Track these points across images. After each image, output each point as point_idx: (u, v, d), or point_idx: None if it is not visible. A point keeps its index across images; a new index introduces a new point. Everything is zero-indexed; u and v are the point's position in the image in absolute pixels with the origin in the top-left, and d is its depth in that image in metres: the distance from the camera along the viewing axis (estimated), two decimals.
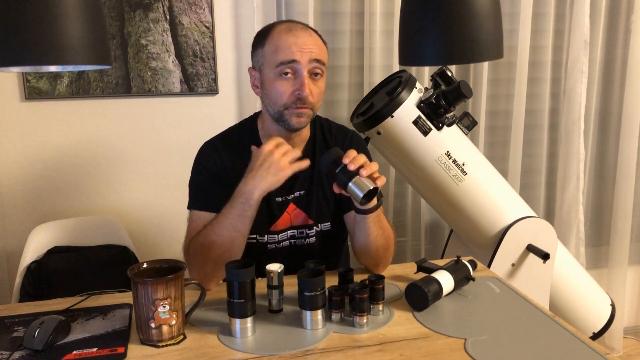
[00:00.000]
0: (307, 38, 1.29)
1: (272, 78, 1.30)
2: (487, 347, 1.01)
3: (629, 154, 2.33)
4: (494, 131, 2.27)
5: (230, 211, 1.23)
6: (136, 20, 1.91)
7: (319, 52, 1.29)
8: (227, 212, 1.24)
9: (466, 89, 1.56)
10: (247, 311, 1.06)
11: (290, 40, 1.27)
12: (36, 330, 1.04)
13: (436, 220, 2.26)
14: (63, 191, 1.98)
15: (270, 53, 1.29)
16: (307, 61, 1.27)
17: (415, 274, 1.36)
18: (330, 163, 1.18)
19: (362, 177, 1.14)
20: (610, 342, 2.43)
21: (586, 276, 1.97)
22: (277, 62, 1.28)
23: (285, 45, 1.27)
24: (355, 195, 1.15)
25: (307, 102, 1.28)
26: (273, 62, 1.29)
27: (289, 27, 1.31)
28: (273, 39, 1.30)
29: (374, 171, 1.16)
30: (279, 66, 1.28)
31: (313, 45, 1.28)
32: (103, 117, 1.97)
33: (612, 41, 2.32)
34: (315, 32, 1.34)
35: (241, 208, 1.22)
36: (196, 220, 1.33)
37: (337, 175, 1.17)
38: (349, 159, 1.15)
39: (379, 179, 1.17)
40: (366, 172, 1.15)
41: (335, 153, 1.19)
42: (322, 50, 1.31)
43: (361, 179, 1.14)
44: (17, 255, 1.79)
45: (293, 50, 1.26)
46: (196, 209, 1.35)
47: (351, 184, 1.15)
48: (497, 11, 1.18)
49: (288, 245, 1.41)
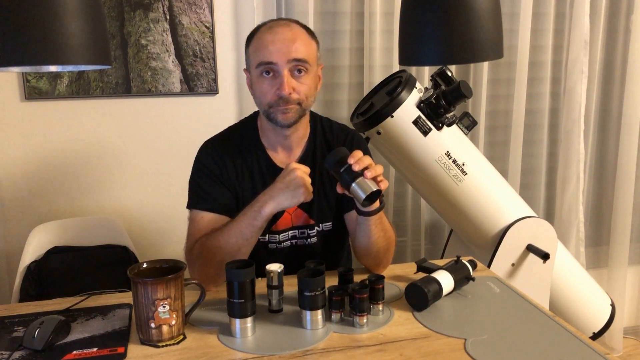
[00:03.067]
0: (286, 35, 1.27)
1: (256, 78, 1.30)
2: (487, 347, 1.01)
3: (629, 154, 2.33)
4: (494, 131, 2.27)
5: (242, 219, 1.23)
6: (136, 20, 1.91)
7: (300, 49, 1.26)
8: (239, 219, 1.24)
9: (466, 89, 1.56)
10: (247, 311, 1.06)
11: (268, 39, 1.27)
12: (36, 330, 1.04)
13: (436, 220, 2.26)
14: (63, 191, 1.98)
15: (252, 53, 1.30)
16: (284, 61, 1.25)
17: (415, 274, 1.36)
18: (335, 162, 1.17)
19: (367, 178, 1.13)
20: (610, 342, 2.43)
21: (586, 276, 1.97)
22: (257, 63, 1.28)
23: (263, 45, 1.27)
24: (358, 196, 1.15)
25: (291, 100, 1.27)
26: (255, 62, 1.29)
27: (270, 26, 1.30)
28: (255, 39, 1.30)
29: (378, 174, 1.15)
30: (259, 66, 1.28)
31: (292, 43, 1.26)
32: (103, 117, 1.97)
33: (612, 41, 2.32)
34: (302, 27, 1.32)
35: (252, 217, 1.22)
36: (197, 220, 1.33)
37: (341, 175, 1.16)
38: (354, 160, 1.14)
39: (382, 182, 1.16)
40: (370, 174, 1.14)
41: (341, 152, 1.18)
42: (305, 47, 1.28)
43: (365, 181, 1.14)
44: (17, 255, 1.79)
45: (270, 51, 1.25)
46: (197, 209, 1.35)
47: (354, 185, 1.14)
48: (497, 11, 1.18)
49: (289, 245, 1.41)
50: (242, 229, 1.23)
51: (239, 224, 1.23)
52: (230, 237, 1.23)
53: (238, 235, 1.23)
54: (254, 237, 1.24)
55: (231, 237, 1.23)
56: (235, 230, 1.23)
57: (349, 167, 1.14)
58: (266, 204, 1.21)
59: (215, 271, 1.25)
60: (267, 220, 1.23)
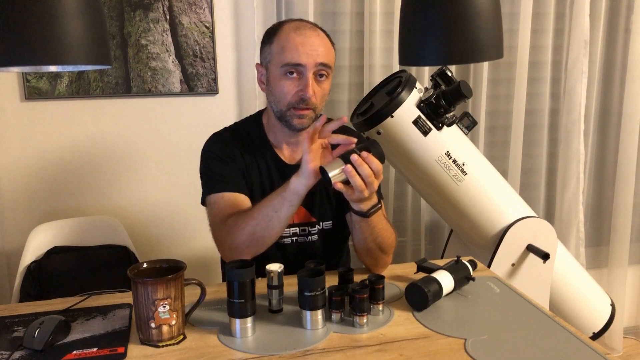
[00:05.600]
0: (314, 39, 1.29)
1: (278, 77, 1.30)
2: (487, 347, 1.01)
3: (629, 154, 2.33)
4: (494, 131, 2.27)
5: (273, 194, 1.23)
6: (136, 20, 1.91)
7: (326, 54, 1.29)
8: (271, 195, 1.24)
9: (466, 89, 1.56)
10: (247, 311, 1.06)
11: (297, 40, 1.27)
12: (36, 330, 1.04)
13: (436, 220, 2.26)
14: (63, 191, 1.98)
15: (277, 52, 1.30)
16: (312, 65, 1.27)
17: (415, 274, 1.36)
18: (357, 148, 1.15)
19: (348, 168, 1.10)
20: (610, 342, 2.43)
21: (586, 276, 1.97)
22: (283, 63, 1.28)
23: (291, 46, 1.27)
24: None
25: (310, 103, 1.29)
26: (279, 62, 1.29)
27: (297, 27, 1.31)
28: (280, 38, 1.30)
29: (367, 172, 1.11)
30: (284, 66, 1.28)
31: (320, 47, 1.28)
32: (103, 117, 1.97)
33: (612, 41, 2.32)
34: (324, 32, 1.34)
35: (282, 189, 1.21)
36: (217, 201, 1.33)
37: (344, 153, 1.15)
38: (362, 158, 1.12)
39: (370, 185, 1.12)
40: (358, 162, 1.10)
41: (376, 149, 1.15)
42: (329, 53, 1.31)
43: (341, 166, 1.12)
44: (17, 255, 1.79)
45: (299, 53, 1.26)
46: (213, 192, 1.34)
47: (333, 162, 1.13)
48: (497, 11, 1.18)
49: (290, 242, 1.42)
50: (272, 199, 1.22)
51: (270, 197, 1.23)
52: (262, 208, 1.23)
53: (269, 206, 1.22)
54: (285, 210, 1.21)
55: (264, 208, 1.22)
56: (268, 200, 1.23)
57: (353, 152, 1.12)
58: (292, 180, 1.19)
59: (247, 244, 1.24)
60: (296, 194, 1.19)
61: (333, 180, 1.13)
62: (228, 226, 1.27)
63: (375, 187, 1.15)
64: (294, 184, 1.18)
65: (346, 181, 1.14)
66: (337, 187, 1.14)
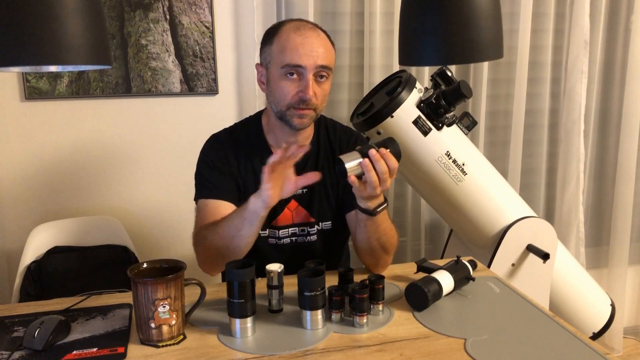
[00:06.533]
0: (315, 40, 1.29)
1: (278, 77, 1.30)
2: (487, 347, 1.01)
3: (629, 154, 2.33)
4: (494, 131, 2.27)
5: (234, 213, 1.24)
6: (136, 20, 1.91)
7: (326, 56, 1.29)
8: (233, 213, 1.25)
9: (466, 89, 1.56)
10: (247, 311, 1.06)
11: (298, 41, 1.27)
12: (36, 330, 1.04)
13: (436, 220, 2.26)
14: (63, 191, 1.98)
15: (277, 52, 1.30)
16: (312, 66, 1.27)
17: (415, 274, 1.36)
18: (375, 143, 1.15)
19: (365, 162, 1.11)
20: (610, 342, 2.43)
21: (586, 276, 1.97)
22: (283, 63, 1.28)
23: (292, 46, 1.27)
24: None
25: (310, 103, 1.28)
26: (279, 62, 1.29)
27: (297, 27, 1.30)
28: (281, 38, 1.30)
29: (384, 169, 1.11)
30: (285, 67, 1.28)
31: (320, 49, 1.28)
32: (103, 117, 1.97)
33: (612, 41, 2.32)
34: (324, 32, 1.34)
35: (242, 208, 1.21)
36: (202, 208, 1.35)
37: (363, 146, 1.15)
38: (380, 154, 1.12)
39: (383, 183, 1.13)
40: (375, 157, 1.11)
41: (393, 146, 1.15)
42: (329, 54, 1.31)
43: (358, 159, 1.11)
44: (17, 255, 1.79)
45: (300, 54, 1.26)
46: (201, 198, 1.36)
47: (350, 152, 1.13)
48: (497, 11, 1.18)
49: (289, 242, 1.42)
50: (233, 218, 1.22)
51: (232, 214, 1.24)
52: (225, 226, 1.23)
53: (230, 224, 1.22)
54: (246, 230, 1.20)
55: (225, 226, 1.23)
56: (230, 218, 1.23)
57: (371, 147, 1.12)
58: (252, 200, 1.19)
59: (214, 258, 1.25)
60: (255, 214, 1.18)
61: (349, 173, 1.13)
62: (200, 237, 1.29)
63: (388, 185, 1.15)
64: (253, 205, 1.17)
65: (359, 176, 1.14)
66: (350, 179, 1.13)
